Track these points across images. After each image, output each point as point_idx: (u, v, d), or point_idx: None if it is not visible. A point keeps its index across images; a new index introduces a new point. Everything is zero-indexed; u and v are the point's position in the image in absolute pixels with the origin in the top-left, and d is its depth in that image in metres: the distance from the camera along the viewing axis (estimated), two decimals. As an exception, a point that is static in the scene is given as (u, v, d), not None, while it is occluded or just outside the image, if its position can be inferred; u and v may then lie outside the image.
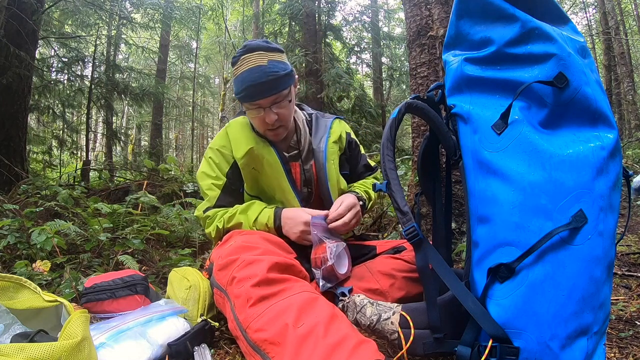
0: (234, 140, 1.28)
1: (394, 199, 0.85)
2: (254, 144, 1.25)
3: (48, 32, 5.19)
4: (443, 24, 1.75)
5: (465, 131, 0.85)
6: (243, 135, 1.27)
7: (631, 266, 1.68)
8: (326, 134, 1.34)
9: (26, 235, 1.71)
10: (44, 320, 0.86)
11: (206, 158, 1.32)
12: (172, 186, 3.66)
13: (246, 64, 1.16)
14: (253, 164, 1.25)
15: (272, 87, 1.15)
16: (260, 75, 1.13)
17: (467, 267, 0.86)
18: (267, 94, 1.15)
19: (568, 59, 0.78)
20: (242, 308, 0.86)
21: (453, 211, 1.50)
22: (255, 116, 1.20)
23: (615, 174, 0.77)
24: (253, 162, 1.25)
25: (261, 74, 1.13)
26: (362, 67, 10.52)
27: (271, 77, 1.14)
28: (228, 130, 1.31)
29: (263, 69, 1.14)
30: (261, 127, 1.23)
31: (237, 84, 1.18)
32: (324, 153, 1.30)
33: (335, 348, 0.71)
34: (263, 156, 1.24)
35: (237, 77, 1.18)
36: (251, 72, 1.14)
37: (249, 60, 1.16)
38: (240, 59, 1.17)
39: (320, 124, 1.37)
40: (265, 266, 0.89)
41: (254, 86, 1.14)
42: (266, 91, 1.14)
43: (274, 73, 1.15)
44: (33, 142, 5.79)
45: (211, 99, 16.87)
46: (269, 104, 1.17)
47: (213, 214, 1.26)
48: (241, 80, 1.16)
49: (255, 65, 1.15)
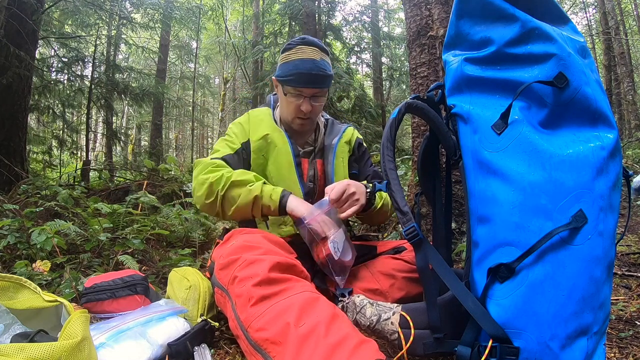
0: (253, 124, 1.35)
1: (394, 199, 0.85)
2: (271, 132, 1.32)
3: (48, 32, 5.19)
4: (443, 24, 1.75)
5: (465, 131, 0.85)
6: (263, 121, 1.35)
7: (631, 266, 1.68)
8: (339, 135, 1.41)
9: (26, 235, 1.71)
10: (44, 320, 0.86)
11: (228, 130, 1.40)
12: (172, 186, 3.66)
13: (301, 53, 1.26)
14: (264, 150, 1.30)
15: (318, 81, 1.25)
16: (312, 67, 1.24)
17: (467, 267, 0.86)
18: (312, 85, 1.25)
19: (568, 59, 0.78)
20: (244, 307, 0.86)
21: (453, 211, 1.50)
22: (292, 101, 1.28)
23: (615, 174, 0.77)
24: (265, 148, 1.30)
25: (313, 66, 1.24)
26: (362, 67, 10.52)
27: (320, 72, 1.25)
28: (250, 114, 1.40)
29: (316, 63, 1.25)
30: (293, 113, 1.30)
31: (287, 68, 1.26)
32: (334, 150, 1.37)
33: (337, 347, 0.72)
34: (276, 144, 1.30)
35: (289, 62, 1.27)
36: (304, 62, 1.24)
37: (304, 51, 1.26)
38: (296, 47, 1.27)
39: (334, 127, 1.45)
40: (267, 266, 0.89)
41: (303, 74, 1.23)
42: (312, 82, 1.25)
43: (323, 70, 1.25)
44: (33, 142, 5.78)
45: (211, 99, 16.87)
46: (309, 94, 1.26)
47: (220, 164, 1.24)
48: (293, 66, 1.25)
49: (309, 57, 1.25)
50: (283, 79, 1.27)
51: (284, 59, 1.29)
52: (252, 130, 1.33)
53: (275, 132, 1.32)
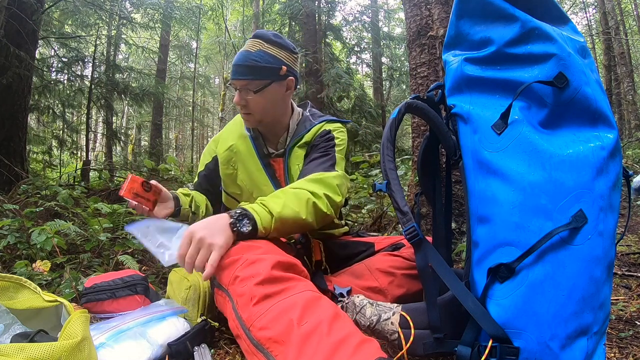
0: (223, 138, 1.39)
1: (394, 199, 0.85)
2: (236, 141, 1.33)
3: (48, 32, 5.18)
4: (443, 24, 1.75)
5: (465, 131, 0.85)
6: (231, 132, 1.37)
7: (631, 266, 1.68)
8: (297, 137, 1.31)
9: (26, 235, 1.71)
10: (44, 320, 0.86)
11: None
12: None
13: (244, 47, 1.25)
14: (232, 161, 1.32)
15: (245, 73, 1.21)
16: (241, 58, 1.21)
17: (467, 267, 0.86)
18: (238, 76, 1.22)
19: (568, 59, 0.78)
20: (246, 306, 0.85)
21: (453, 211, 1.50)
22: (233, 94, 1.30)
23: (615, 174, 0.77)
24: (232, 158, 1.32)
25: (242, 58, 1.21)
26: (362, 67, 10.53)
27: (249, 63, 1.20)
28: (228, 125, 1.43)
29: (247, 54, 1.21)
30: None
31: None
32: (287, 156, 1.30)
33: (339, 346, 0.72)
34: (241, 151, 1.31)
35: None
36: (238, 54, 1.24)
37: (246, 44, 1.26)
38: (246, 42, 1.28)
39: (299, 128, 1.34)
40: (269, 265, 0.89)
41: (234, 65, 1.23)
42: (239, 74, 1.22)
43: (253, 61, 1.20)
44: (33, 142, 5.78)
45: (211, 99, 16.87)
46: (239, 86, 1.23)
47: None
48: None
49: (245, 49, 1.23)
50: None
51: None
52: (220, 144, 1.37)
53: (239, 140, 1.33)
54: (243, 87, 1.22)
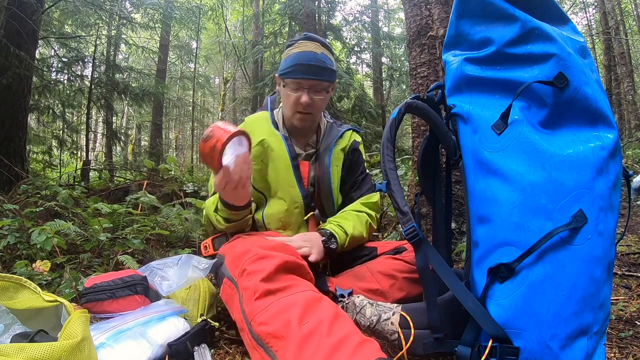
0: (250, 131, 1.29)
1: (394, 199, 0.85)
2: (267, 136, 1.30)
3: (48, 32, 5.18)
4: (443, 24, 1.75)
5: (465, 131, 0.85)
6: (260, 126, 1.33)
7: (631, 266, 1.68)
8: (335, 139, 1.38)
9: (26, 235, 1.71)
10: (44, 320, 0.86)
11: None
12: (172, 186, 3.66)
13: (302, 47, 1.27)
14: (262, 156, 1.29)
15: (316, 73, 1.24)
16: (311, 58, 1.24)
17: (467, 267, 0.86)
18: (310, 76, 1.24)
19: (568, 59, 0.78)
20: (249, 300, 0.87)
21: (453, 211, 1.50)
22: (291, 94, 1.26)
23: (615, 174, 0.77)
24: (263, 154, 1.29)
25: (311, 58, 1.24)
26: (362, 67, 10.52)
27: (319, 63, 1.24)
28: (246, 121, 1.38)
29: (315, 55, 1.25)
30: (293, 107, 1.28)
31: (287, 61, 1.27)
32: (330, 155, 1.35)
33: (339, 346, 0.72)
34: (273, 148, 1.29)
35: (290, 56, 1.27)
36: (304, 54, 1.25)
37: (306, 46, 1.27)
38: (298, 43, 1.29)
39: (333, 130, 1.42)
40: (276, 262, 0.91)
41: (302, 65, 1.23)
42: (310, 73, 1.24)
43: (322, 62, 1.25)
44: (33, 142, 5.78)
45: (211, 99, 16.86)
46: (308, 86, 1.25)
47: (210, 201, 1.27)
48: (293, 59, 1.25)
49: (310, 50, 1.26)
50: (283, 72, 1.27)
51: (285, 55, 1.30)
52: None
53: (271, 136, 1.30)
54: (312, 87, 1.25)
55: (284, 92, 1.30)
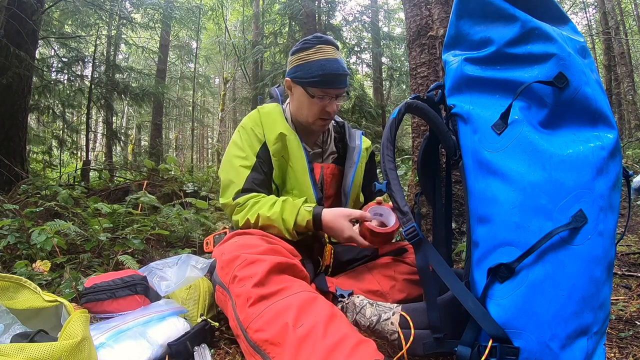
0: (266, 123, 1.27)
1: (394, 199, 0.85)
2: (286, 131, 1.26)
3: (48, 32, 5.18)
4: (443, 24, 1.75)
5: (465, 131, 0.85)
6: (276, 120, 1.28)
7: (631, 266, 1.68)
8: (360, 139, 1.41)
9: (26, 235, 1.71)
10: (44, 320, 0.86)
11: (234, 141, 1.30)
12: (172, 186, 3.66)
13: (323, 53, 1.22)
14: (282, 151, 1.25)
15: (344, 81, 1.24)
16: (338, 67, 1.22)
17: (467, 267, 0.86)
18: (339, 85, 1.22)
19: (568, 59, 0.78)
20: (242, 307, 0.86)
21: (453, 211, 1.50)
22: (317, 103, 1.23)
23: (615, 174, 0.77)
24: (283, 149, 1.25)
25: (339, 67, 1.22)
26: (362, 67, 10.51)
27: (345, 72, 1.24)
28: (260, 111, 1.31)
29: (340, 63, 1.23)
30: (317, 114, 1.25)
31: (313, 69, 1.21)
32: (359, 154, 1.36)
33: (334, 349, 0.72)
34: (292, 147, 1.25)
35: (312, 62, 1.21)
36: (330, 62, 1.21)
37: (325, 51, 1.23)
38: (316, 47, 1.23)
39: (352, 131, 1.44)
40: (266, 266, 0.89)
41: (331, 75, 1.20)
42: (340, 83, 1.22)
43: (345, 69, 1.24)
44: (33, 142, 5.78)
45: (211, 99, 16.86)
46: (335, 95, 1.24)
47: (244, 201, 1.18)
48: (319, 67, 1.20)
49: (333, 57, 1.23)
50: (307, 80, 1.21)
51: (302, 58, 1.23)
52: (266, 130, 1.26)
53: (291, 134, 1.26)
54: (338, 95, 1.25)
55: (306, 99, 1.24)
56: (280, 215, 1.13)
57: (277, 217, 1.13)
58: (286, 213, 1.13)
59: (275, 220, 1.13)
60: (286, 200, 1.17)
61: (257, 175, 1.23)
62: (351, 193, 1.33)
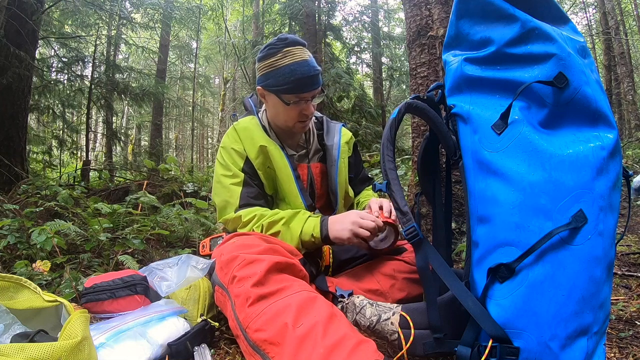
0: (245, 138, 1.27)
1: (394, 199, 0.85)
2: (265, 143, 1.25)
3: (48, 32, 5.18)
4: (443, 24, 1.75)
5: (465, 131, 0.85)
6: (253, 133, 1.28)
7: (631, 266, 1.68)
8: (339, 134, 1.38)
9: (26, 235, 1.71)
10: (44, 320, 0.86)
11: (218, 161, 1.30)
12: (172, 186, 3.66)
13: (291, 56, 1.18)
14: (267, 162, 1.26)
15: (317, 82, 1.20)
16: (309, 69, 1.18)
17: (467, 267, 0.86)
18: (313, 87, 1.20)
19: (568, 59, 0.78)
20: (242, 307, 0.86)
21: (453, 211, 1.50)
22: (294, 108, 1.21)
23: (615, 174, 0.77)
24: (267, 160, 1.26)
25: (310, 68, 1.18)
26: (362, 67, 10.52)
27: (317, 71, 1.20)
28: (237, 128, 1.30)
29: (310, 63, 1.19)
30: (295, 118, 1.24)
31: (284, 75, 1.17)
32: (338, 150, 1.35)
33: (334, 349, 0.72)
34: (275, 157, 1.25)
35: (283, 68, 1.17)
36: (300, 65, 1.17)
37: (293, 54, 1.18)
38: (283, 51, 1.18)
39: (330, 126, 1.42)
40: (265, 266, 0.89)
41: (304, 79, 1.17)
42: (313, 84, 1.19)
43: (316, 69, 1.20)
44: (33, 142, 5.78)
45: (211, 99, 16.86)
46: (311, 96, 1.22)
47: (246, 214, 1.18)
48: (290, 72, 1.16)
49: (302, 59, 1.18)
50: (279, 88, 1.19)
51: (270, 65, 1.19)
52: (246, 145, 1.26)
53: (271, 145, 1.25)
54: (314, 96, 1.23)
55: (281, 106, 1.22)
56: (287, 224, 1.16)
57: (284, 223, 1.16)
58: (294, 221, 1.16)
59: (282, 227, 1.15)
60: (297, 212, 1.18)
61: (249, 190, 1.24)
62: (339, 191, 1.34)
